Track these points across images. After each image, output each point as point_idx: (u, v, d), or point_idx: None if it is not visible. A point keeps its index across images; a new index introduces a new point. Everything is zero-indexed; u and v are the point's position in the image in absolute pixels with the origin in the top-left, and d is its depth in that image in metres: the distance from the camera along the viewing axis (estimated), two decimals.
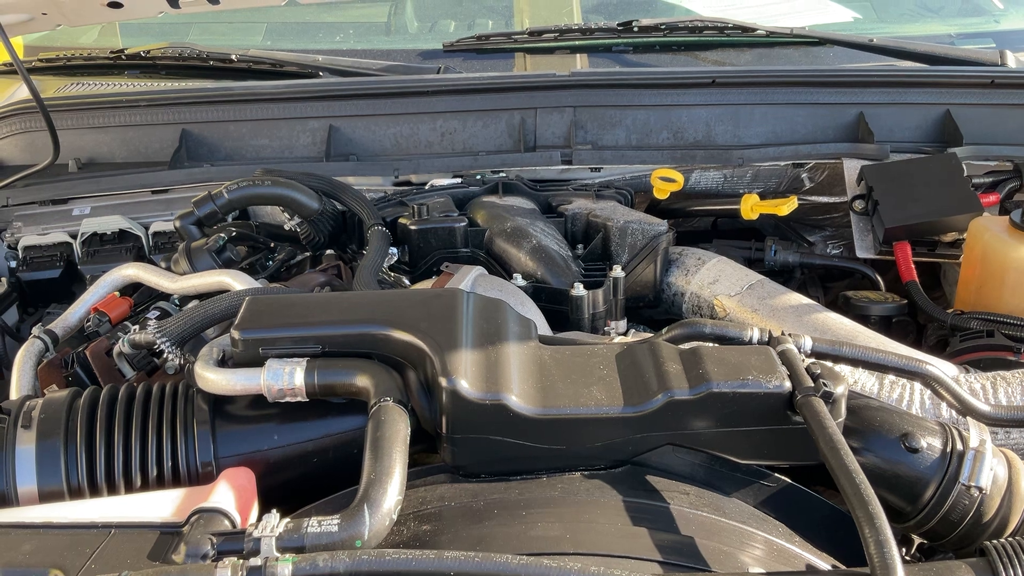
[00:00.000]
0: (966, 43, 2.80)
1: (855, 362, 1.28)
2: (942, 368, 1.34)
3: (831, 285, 2.24)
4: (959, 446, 1.19)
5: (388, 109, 2.40)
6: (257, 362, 1.19)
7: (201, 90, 2.49)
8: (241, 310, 1.24)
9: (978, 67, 2.46)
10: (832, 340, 1.29)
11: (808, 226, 2.37)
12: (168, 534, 1.01)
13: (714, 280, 1.92)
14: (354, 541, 0.93)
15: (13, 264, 2.12)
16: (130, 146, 2.41)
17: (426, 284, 1.79)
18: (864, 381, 1.44)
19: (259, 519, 0.95)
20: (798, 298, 1.83)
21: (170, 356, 1.39)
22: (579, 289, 1.77)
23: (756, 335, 1.25)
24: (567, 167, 2.28)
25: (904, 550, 1.32)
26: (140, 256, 2.08)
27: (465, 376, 1.11)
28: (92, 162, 2.40)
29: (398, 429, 1.07)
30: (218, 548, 0.94)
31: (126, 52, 2.76)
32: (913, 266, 1.98)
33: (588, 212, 2.06)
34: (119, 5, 2.28)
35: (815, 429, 1.05)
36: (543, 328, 1.63)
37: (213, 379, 1.19)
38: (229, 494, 1.07)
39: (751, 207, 2.14)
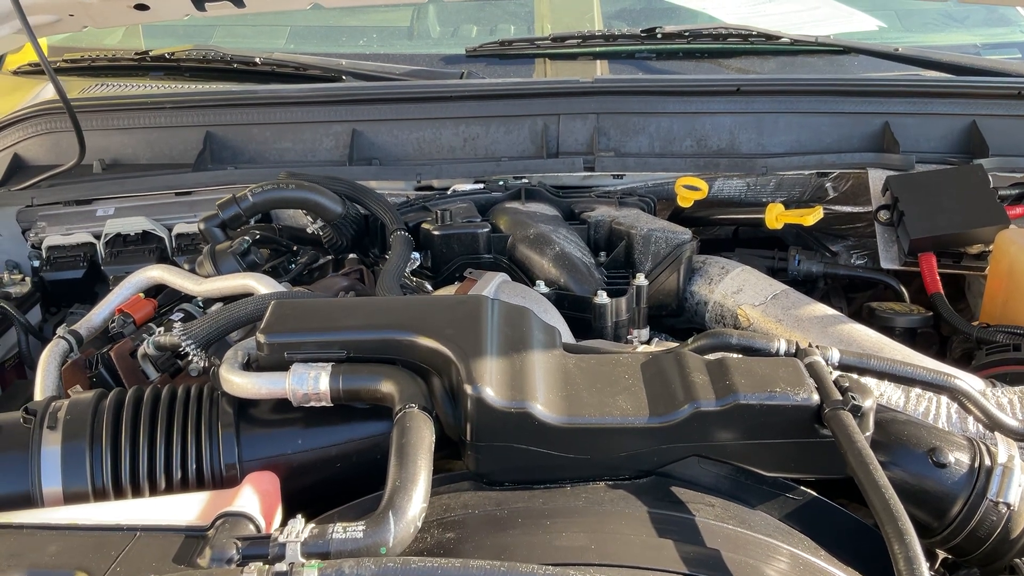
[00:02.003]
0: (992, 53, 2.79)
1: (883, 375, 1.27)
2: (969, 382, 1.32)
3: (854, 296, 2.22)
4: (987, 461, 1.18)
5: (411, 114, 2.40)
6: (282, 366, 1.19)
7: (225, 93, 2.50)
8: (267, 314, 1.24)
9: (1004, 78, 2.43)
10: (859, 352, 1.28)
11: (830, 236, 2.35)
12: (193, 537, 1.01)
13: (738, 289, 1.90)
14: (379, 548, 0.93)
15: (36, 264, 2.14)
16: (154, 148, 2.42)
17: (449, 290, 1.79)
18: (890, 394, 1.43)
19: (284, 524, 0.95)
20: (823, 309, 1.82)
21: (194, 358, 1.40)
22: (602, 297, 1.76)
23: (783, 347, 1.24)
24: (589, 174, 2.27)
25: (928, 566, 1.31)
26: (163, 257, 2.09)
27: (490, 384, 1.11)
28: (116, 163, 2.41)
29: (423, 436, 1.07)
30: (243, 553, 0.94)
31: (150, 54, 2.77)
32: (938, 278, 1.97)
33: (611, 219, 2.05)
34: (146, 7, 2.30)
35: (844, 443, 1.04)
36: (566, 336, 1.63)
37: (238, 382, 1.20)
38: (254, 498, 1.07)
39: (776, 216, 2.12)
